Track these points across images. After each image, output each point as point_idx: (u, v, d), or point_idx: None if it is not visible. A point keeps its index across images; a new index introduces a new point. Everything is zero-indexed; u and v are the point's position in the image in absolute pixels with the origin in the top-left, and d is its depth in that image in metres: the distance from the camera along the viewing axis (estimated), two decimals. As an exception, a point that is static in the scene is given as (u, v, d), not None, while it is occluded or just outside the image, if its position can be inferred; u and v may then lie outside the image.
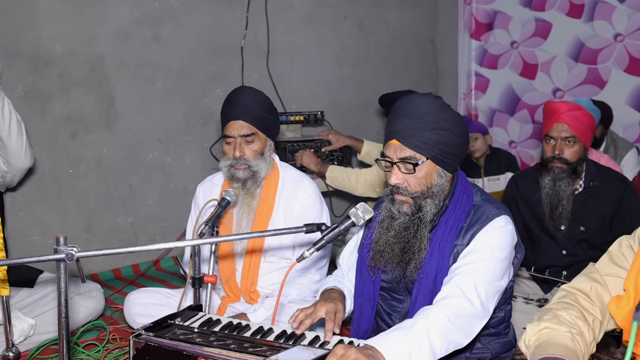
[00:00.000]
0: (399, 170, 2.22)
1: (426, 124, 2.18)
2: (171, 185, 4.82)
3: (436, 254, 2.26)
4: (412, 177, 2.22)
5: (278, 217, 3.08)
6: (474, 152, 5.10)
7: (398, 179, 2.22)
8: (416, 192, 2.23)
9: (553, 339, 1.73)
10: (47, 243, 4.22)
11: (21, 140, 3.07)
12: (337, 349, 1.87)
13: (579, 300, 1.86)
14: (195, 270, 2.53)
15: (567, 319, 1.78)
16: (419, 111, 2.19)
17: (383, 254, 2.30)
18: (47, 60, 4.17)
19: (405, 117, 2.20)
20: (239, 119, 2.98)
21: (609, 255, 1.92)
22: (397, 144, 2.21)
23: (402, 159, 2.20)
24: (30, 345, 3.06)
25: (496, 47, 6.29)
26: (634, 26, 5.54)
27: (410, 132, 2.19)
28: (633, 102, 5.60)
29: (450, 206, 2.29)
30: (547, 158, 3.41)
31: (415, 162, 2.19)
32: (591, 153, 4.30)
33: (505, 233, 2.26)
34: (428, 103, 2.22)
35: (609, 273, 1.88)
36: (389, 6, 6.11)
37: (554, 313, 1.81)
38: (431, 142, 2.18)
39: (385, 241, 2.29)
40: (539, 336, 1.76)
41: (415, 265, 2.26)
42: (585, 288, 1.88)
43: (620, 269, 1.85)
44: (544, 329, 1.77)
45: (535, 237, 3.53)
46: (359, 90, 5.87)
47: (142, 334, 2.09)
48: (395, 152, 2.22)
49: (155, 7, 4.61)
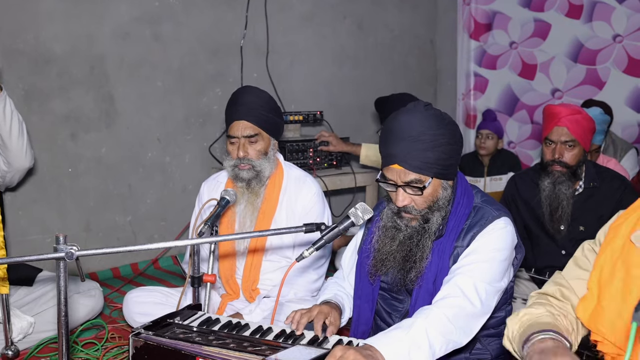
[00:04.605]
0: (405, 192, 2.21)
1: (425, 144, 2.14)
2: (170, 184, 4.82)
3: (436, 257, 2.26)
4: (418, 197, 2.22)
5: (281, 216, 3.09)
6: (482, 149, 5.09)
7: (405, 200, 2.21)
8: (424, 210, 2.24)
9: (535, 321, 1.76)
10: (46, 242, 4.22)
11: (22, 141, 3.07)
12: (336, 350, 1.87)
13: (549, 300, 1.90)
14: (195, 269, 2.54)
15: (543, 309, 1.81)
16: (416, 131, 2.15)
17: (385, 263, 2.30)
18: (46, 60, 4.18)
19: (403, 140, 2.16)
20: (242, 119, 2.99)
21: (574, 260, 1.96)
22: (400, 169, 2.18)
23: (407, 183, 2.18)
24: (29, 343, 3.05)
25: (495, 48, 6.29)
26: (633, 27, 5.54)
27: (412, 156, 2.15)
28: (632, 102, 5.61)
29: (452, 210, 2.29)
30: (547, 161, 3.41)
31: (422, 185, 2.18)
32: (599, 158, 4.32)
33: (506, 234, 2.26)
34: (423, 120, 2.16)
35: (573, 277, 1.91)
36: (389, 6, 6.11)
37: (528, 309, 1.85)
38: (432, 161, 2.16)
39: (388, 250, 2.29)
40: (521, 324, 1.78)
41: (416, 273, 2.26)
42: (551, 291, 1.92)
43: (584, 271, 1.88)
44: (523, 317, 1.80)
45: (535, 238, 3.54)
46: (358, 90, 5.88)
47: (141, 332, 2.09)
48: (399, 176, 2.19)
49: (155, 6, 4.61)
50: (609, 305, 1.70)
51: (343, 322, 2.43)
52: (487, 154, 5.14)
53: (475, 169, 5.11)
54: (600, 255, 1.81)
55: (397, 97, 4.24)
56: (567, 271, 1.96)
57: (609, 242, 1.80)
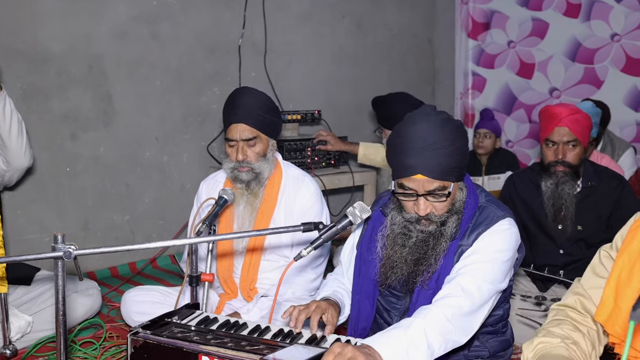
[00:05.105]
0: (427, 201, 2.20)
1: (444, 150, 2.14)
2: (168, 183, 4.82)
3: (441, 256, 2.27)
4: (439, 203, 2.21)
5: (279, 216, 3.09)
6: (480, 148, 5.10)
7: (428, 208, 2.21)
8: (443, 215, 2.24)
9: (549, 352, 1.76)
10: (45, 241, 4.22)
11: (21, 140, 3.07)
12: (334, 347, 1.87)
13: (569, 314, 1.90)
14: (193, 268, 2.54)
15: (560, 333, 1.82)
16: (434, 139, 2.13)
17: (394, 270, 2.29)
18: (45, 59, 4.17)
19: (423, 149, 2.14)
20: (240, 122, 2.97)
21: (592, 268, 1.96)
22: (424, 178, 2.16)
23: (430, 192, 2.18)
24: (27, 342, 3.06)
25: (493, 47, 6.30)
26: (631, 26, 5.55)
27: (435, 164, 2.14)
28: (630, 101, 5.62)
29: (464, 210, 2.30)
30: (549, 162, 3.41)
31: (447, 191, 2.18)
32: (592, 155, 4.32)
33: (510, 235, 2.27)
34: (438, 127, 2.15)
35: (592, 286, 1.91)
36: (387, 6, 6.11)
37: (547, 330, 1.86)
38: (453, 166, 2.17)
39: (398, 257, 2.28)
40: (535, 352, 1.79)
41: (427, 275, 2.26)
42: (571, 303, 1.93)
43: (601, 279, 1.88)
44: (538, 345, 1.80)
45: (533, 237, 3.54)
46: (357, 89, 5.87)
47: (139, 332, 2.09)
48: (422, 186, 2.17)
49: (153, 5, 4.61)
50: (627, 306, 1.70)
51: (342, 319, 2.43)
52: (485, 153, 5.14)
53: (474, 168, 5.11)
54: (619, 258, 1.80)
55: (394, 97, 4.24)
56: (585, 280, 1.96)
57: (628, 244, 1.80)
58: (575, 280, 2.01)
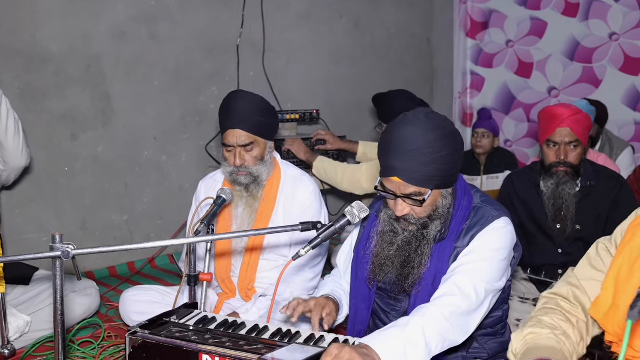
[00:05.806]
0: (405, 202, 2.20)
1: (426, 157, 2.10)
2: (166, 183, 4.82)
3: (436, 259, 2.26)
4: (418, 207, 2.20)
5: (278, 216, 3.09)
6: (478, 147, 5.10)
7: (405, 210, 2.20)
8: (423, 218, 2.24)
9: (538, 342, 1.75)
10: (43, 240, 4.21)
11: (18, 140, 3.07)
12: (332, 348, 1.87)
13: (560, 304, 1.89)
14: (191, 268, 2.54)
15: (549, 323, 1.81)
16: (417, 145, 2.10)
17: (383, 268, 2.30)
18: (43, 58, 4.17)
19: (403, 153, 2.11)
20: (236, 128, 2.96)
21: (588, 259, 1.95)
22: (400, 182, 2.15)
23: (407, 195, 2.17)
24: (25, 342, 3.06)
25: (492, 46, 6.30)
26: (629, 25, 5.55)
27: (412, 169, 2.12)
28: (628, 101, 5.62)
29: (453, 214, 2.28)
30: (550, 163, 3.40)
31: (422, 198, 2.16)
32: (589, 153, 4.32)
33: (506, 234, 2.27)
34: (424, 133, 2.11)
35: (587, 277, 1.90)
36: (385, 5, 6.11)
37: (537, 319, 1.85)
38: (433, 174, 2.13)
39: (386, 255, 2.28)
40: (525, 342, 1.78)
41: (413, 280, 2.26)
42: (563, 292, 1.92)
43: (598, 272, 1.87)
44: (528, 335, 1.80)
45: (531, 236, 3.54)
46: (355, 88, 5.87)
47: (137, 331, 2.09)
48: (398, 188, 2.17)
49: (151, 5, 4.61)
50: (624, 304, 1.68)
51: (340, 319, 2.43)
52: (484, 153, 5.14)
53: (472, 168, 5.11)
54: (618, 255, 1.79)
55: (395, 94, 4.24)
56: (580, 270, 1.94)
57: (628, 241, 1.78)
58: (570, 270, 1.99)
